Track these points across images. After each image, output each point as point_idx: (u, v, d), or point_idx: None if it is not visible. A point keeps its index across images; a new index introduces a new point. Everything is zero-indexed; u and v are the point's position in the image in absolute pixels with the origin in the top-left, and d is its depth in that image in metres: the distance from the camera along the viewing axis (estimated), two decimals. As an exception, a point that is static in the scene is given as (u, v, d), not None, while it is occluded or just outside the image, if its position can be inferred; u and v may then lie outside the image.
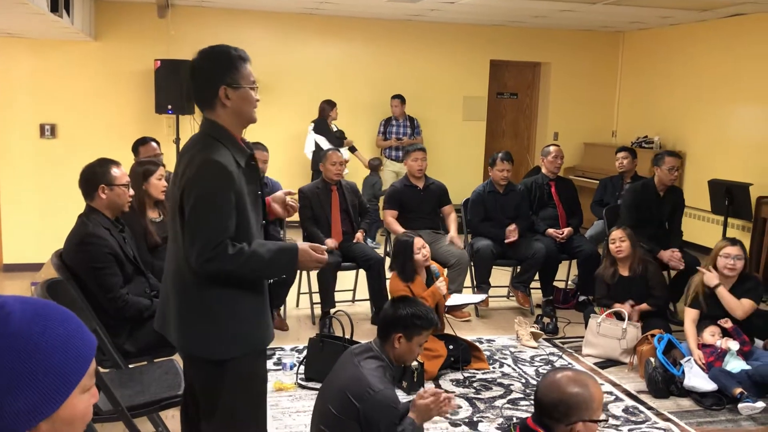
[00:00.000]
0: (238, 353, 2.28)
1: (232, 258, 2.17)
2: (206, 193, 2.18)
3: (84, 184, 3.35)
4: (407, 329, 2.77)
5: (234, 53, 2.28)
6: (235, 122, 2.30)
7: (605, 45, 9.21)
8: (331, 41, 8.32)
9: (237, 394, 2.31)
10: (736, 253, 4.27)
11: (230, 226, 2.20)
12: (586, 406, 2.06)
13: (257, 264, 2.23)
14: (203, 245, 2.16)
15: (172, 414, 3.57)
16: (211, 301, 2.25)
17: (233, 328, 2.27)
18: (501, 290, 6.03)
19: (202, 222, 2.17)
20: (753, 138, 7.07)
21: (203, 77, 2.27)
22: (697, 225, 7.52)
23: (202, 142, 2.27)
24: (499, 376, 4.36)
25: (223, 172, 2.18)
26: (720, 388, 3.97)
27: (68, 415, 1.03)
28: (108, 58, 7.53)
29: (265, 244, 2.28)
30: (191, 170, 2.20)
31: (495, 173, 5.69)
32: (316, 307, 5.25)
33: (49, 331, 1.03)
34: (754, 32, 7.05)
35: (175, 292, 2.30)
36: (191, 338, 2.29)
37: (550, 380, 2.14)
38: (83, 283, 3.22)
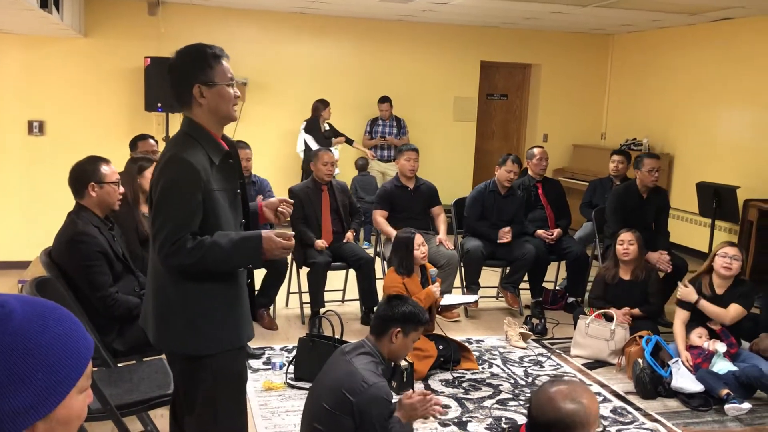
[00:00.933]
0: (213, 350, 2.31)
1: (191, 251, 2.18)
2: (168, 189, 2.21)
3: (74, 182, 3.34)
4: (405, 324, 2.81)
5: (209, 51, 2.29)
6: (212, 120, 2.31)
7: (595, 47, 9.26)
8: (322, 40, 8.31)
9: (215, 389, 2.33)
10: (734, 254, 4.30)
11: (192, 222, 2.21)
12: (582, 423, 2.01)
13: (218, 255, 2.22)
14: (163, 240, 2.19)
15: (161, 413, 3.56)
16: (184, 298, 2.28)
17: (206, 326, 2.29)
18: (490, 291, 6.05)
19: (163, 218, 2.21)
20: (741, 141, 7.13)
21: (178, 76, 2.30)
22: (684, 227, 7.58)
23: (176, 141, 2.31)
24: (489, 376, 4.37)
25: (187, 168, 2.20)
26: (707, 389, 4.00)
27: (65, 415, 1.03)
28: (98, 55, 7.48)
29: (228, 234, 2.27)
30: (159, 167, 2.27)
31: (502, 173, 5.68)
32: (306, 307, 5.25)
33: (48, 330, 1.02)
34: (743, 36, 7.11)
35: (152, 288, 2.35)
36: (166, 334, 2.33)
37: (545, 398, 2.07)
38: (72, 281, 3.20)
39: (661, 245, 5.44)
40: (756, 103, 6.97)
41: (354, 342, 2.89)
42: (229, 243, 2.24)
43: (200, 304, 2.28)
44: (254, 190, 5.37)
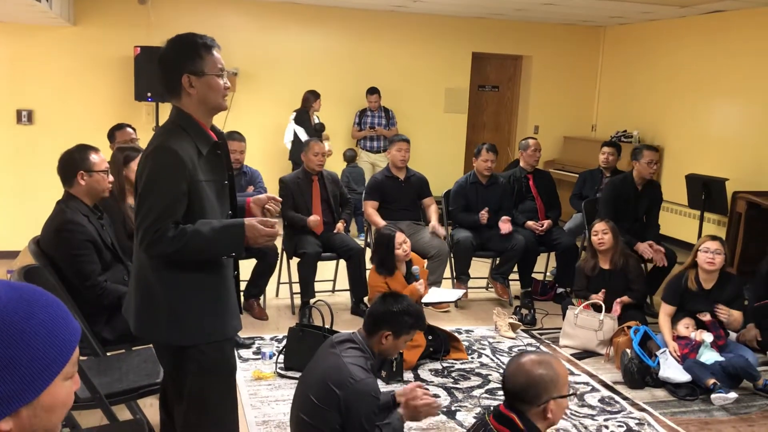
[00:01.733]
0: (196, 341, 2.30)
1: (172, 240, 2.17)
2: (152, 178, 2.21)
3: (63, 171, 3.32)
4: (397, 327, 2.77)
5: (199, 41, 2.28)
6: (201, 110, 2.30)
7: (586, 39, 9.27)
8: (313, 31, 8.28)
9: (202, 380, 2.32)
10: (716, 248, 4.32)
11: (175, 211, 2.20)
12: (554, 384, 2.12)
13: (200, 243, 2.21)
14: (145, 229, 2.19)
15: (150, 402, 3.56)
16: (166, 288, 2.26)
17: (188, 316, 2.28)
18: (480, 282, 6.07)
19: (146, 207, 2.20)
20: (730, 133, 7.17)
21: (167, 65, 2.29)
22: (674, 219, 7.62)
23: (164, 130, 2.31)
24: (478, 366, 4.39)
25: (172, 157, 2.19)
26: (694, 379, 4.04)
27: (49, 401, 1.03)
28: (87, 44, 7.43)
29: (210, 223, 2.25)
30: (144, 156, 2.28)
31: (479, 163, 5.71)
32: (296, 297, 5.25)
33: (34, 317, 1.02)
34: (733, 29, 7.14)
35: (135, 278, 2.35)
36: (147, 324, 2.32)
37: (515, 366, 2.19)
38: (61, 270, 3.19)
39: (651, 237, 5.46)
40: (745, 96, 7.00)
41: (345, 333, 2.87)
42: (211, 231, 2.22)
43: (183, 294, 2.27)
44: (245, 181, 5.37)
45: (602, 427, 3.62)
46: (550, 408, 2.11)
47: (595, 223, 4.96)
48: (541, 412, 2.11)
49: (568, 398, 2.19)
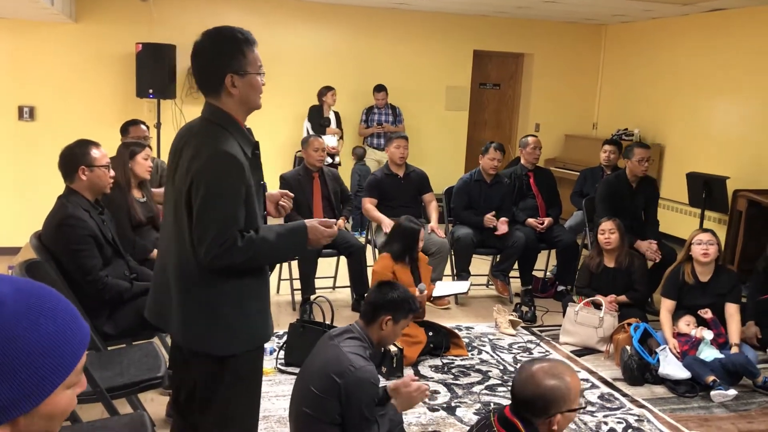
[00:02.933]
0: (241, 349, 2.23)
1: (241, 250, 2.11)
2: (216, 186, 2.09)
3: (64, 166, 3.33)
4: (396, 312, 2.82)
5: (240, 37, 2.17)
6: (241, 110, 2.21)
7: (588, 37, 9.26)
8: (315, 28, 8.28)
9: (235, 388, 2.26)
10: (708, 239, 4.36)
11: (240, 218, 2.12)
12: (564, 398, 2.06)
13: (267, 251, 2.18)
14: (212, 240, 2.08)
15: (151, 397, 3.58)
16: (217, 297, 2.18)
17: (238, 325, 2.21)
18: (481, 279, 6.08)
19: (212, 216, 2.09)
20: (731, 132, 7.16)
21: (209, 63, 2.17)
22: (674, 217, 7.62)
23: (208, 131, 2.17)
24: (478, 362, 4.40)
25: (234, 164, 2.10)
26: (693, 376, 4.05)
27: (49, 410, 1.01)
28: (88, 41, 7.43)
29: (272, 227, 2.22)
30: (200, 162, 2.10)
31: (485, 161, 5.71)
32: (297, 294, 5.26)
33: (40, 328, 0.99)
34: (734, 27, 7.13)
35: (180, 287, 2.20)
36: (195, 334, 2.21)
37: (526, 374, 2.12)
38: (62, 264, 3.20)
39: (650, 235, 5.47)
40: (746, 95, 7.00)
41: (342, 327, 2.90)
42: (277, 237, 2.19)
43: (236, 302, 2.20)
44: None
45: (602, 424, 3.63)
46: (556, 421, 2.06)
47: (602, 222, 4.96)
48: (548, 425, 2.07)
49: (577, 411, 2.13)
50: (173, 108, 7.59)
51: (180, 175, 2.17)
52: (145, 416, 2.53)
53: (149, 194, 4.18)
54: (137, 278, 3.50)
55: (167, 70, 7.22)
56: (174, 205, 2.21)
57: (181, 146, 2.22)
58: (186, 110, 7.63)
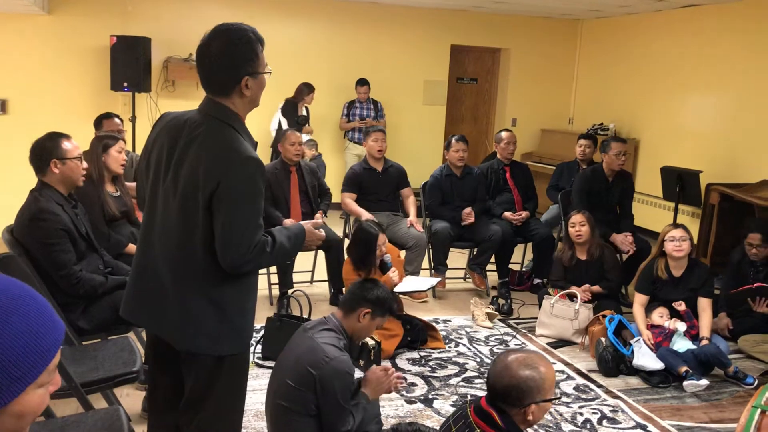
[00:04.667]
0: (242, 348, 2.25)
1: (269, 255, 2.15)
2: (250, 192, 2.09)
3: (35, 159, 3.28)
4: (376, 307, 2.82)
5: (254, 37, 2.12)
6: (246, 109, 2.21)
7: (564, 33, 9.33)
8: (293, 21, 8.25)
9: (229, 386, 2.27)
10: (681, 235, 4.42)
11: (262, 223, 2.16)
12: (538, 388, 2.09)
13: (283, 254, 2.24)
14: (240, 245, 2.08)
15: (126, 392, 3.56)
16: (224, 298, 2.17)
17: (239, 325, 2.22)
18: (458, 272, 6.10)
19: (244, 221, 2.08)
20: (704, 127, 7.27)
21: (224, 65, 2.10)
22: (649, 211, 7.72)
23: (221, 131, 2.12)
24: (455, 355, 4.43)
25: (261, 169, 2.11)
26: (667, 366, 4.10)
27: (19, 410, 0.99)
28: (62, 33, 7.34)
29: (282, 230, 2.26)
30: (229, 166, 2.06)
31: (451, 155, 5.74)
32: (274, 288, 5.24)
33: (10, 327, 0.97)
34: (708, 23, 7.23)
35: (183, 288, 2.16)
36: (196, 336, 2.17)
37: (501, 365, 2.15)
38: (35, 259, 3.16)
39: (625, 227, 5.53)
40: (719, 89, 7.10)
41: (317, 319, 2.90)
42: (287, 240, 2.24)
43: (238, 304, 2.21)
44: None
45: (577, 414, 3.67)
46: (531, 411, 2.08)
47: (572, 215, 5.02)
48: (522, 414, 2.09)
49: (551, 402, 2.15)
50: (148, 101, 7.53)
51: (189, 175, 2.10)
52: (121, 411, 2.51)
53: (123, 188, 4.12)
54: (112, 272, 3.47)
55: (142, 64, 7.15)
56: (180, 206, 2.13)
57: (184, 142, 2.14)
58: (161, 104, 7.56)
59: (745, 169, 6.65)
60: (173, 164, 2.15)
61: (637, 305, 4.54)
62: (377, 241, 4.35)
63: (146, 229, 2.26)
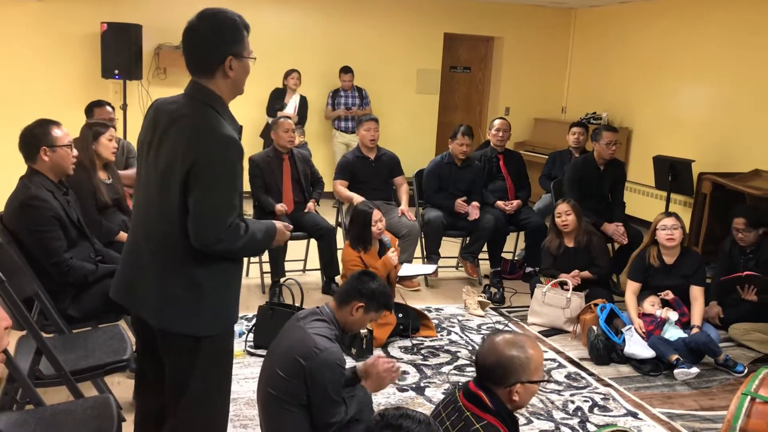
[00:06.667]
0: (220, 329, 2.26)
1: (241, 238, 2.16)
2: (225, 171, 2.11)
3: (25, 147, 3.25)
4: (369, 301, 2.80)
5: (239, 21, 2.19)
6: (230, 93, 2.24)
7: (557, 21, 9.30)
8: (283, 9, 8.19)
9: (209, 369, 2.27)
10: (672, 224, 4.44)
11: (240, 204, 2.18)
12: (524, 368, 2.10)
13: (253, 244, 2.25)
14: (215, 223, 2.10)
15: (117, 380, 3.55)
16: (202, 278, 2.18)
17: (219, 305, 2.23)
18: (450, 261, 6.11)
19: (219, 200, 2.11)
20: (696, 116, 7.27)
21: (208, 43, 2.15)
22: (641, 200, 7.73)
23: (202, 111, 2.15)
24: (447, 343, 4.43)
25: (239, 149, 2.13)
26: (658, 355, 4.12)
27: None
28: (52, 20, 7.27)
29: (255, 223, 2.28)
30: (204, 144, 2.09)
31: (455, 146, 5.72)
32: (267, 277, 5.24)
33: None
34: (701, 12, 7.22)
35: (162, 267, 2.19)
36: (174, 314, 2.19)
37: (489, 344, 2.17)
38: (25, 246, 3.14)
39: (617, 216, 5.54)
40: (712, 79, 7.11)
41: (310, 308, 2.89)
42: (260, 233, 2.27)
43: (219, 283, 2.22)
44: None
45: (568, 402, 3.68)
46: (516, 390, 2.09)
47: (558, 204, 5.02)
48: (508, 394, 2.10)
49: (538, 384, 2.16)
50: (139, 89, 7.48)
51: (169, 154, 2.13)
52: (111, 399, 2.50)
53: (115, 176, 4.10)
54: (103, 260, 3.45)
55: (133, 51, 7.10)
56: (160, 184, 2.16)
57: (166, 123, 2.17)
58: (152, 91, 7.51)
59: (737, 158, 6.66)
60: (155, 145, 2.19)
61: (629, 293, 4.55)
62: (372, 216, 4.46)
63: (134, 210, 2.35)
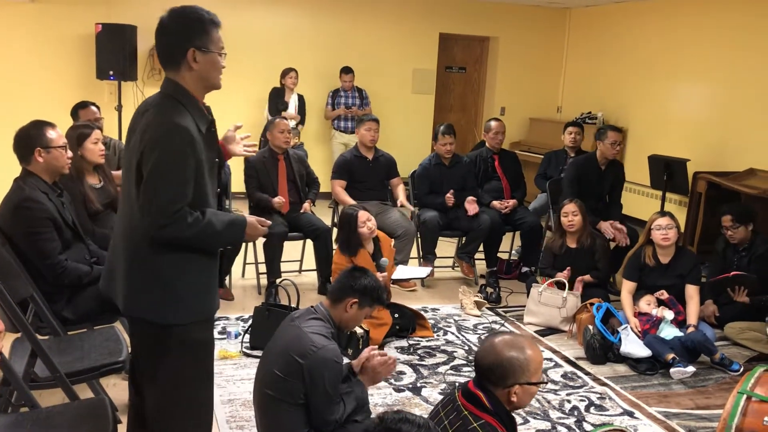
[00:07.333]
0: (185, 320, 2.26)
1: (189, 226, 2.16)
2: (168, 157, 2.13)
3: (19, 148, 3.24)
4: (363, 297, 2.79)
5: (206, 16, 2.23)
6: (199, 86, 2.26)
7: (552, 21, 9.31)
8: (278, 9, 8.19)
9: (183, 360, 2.29)
10: (667, 223, 4.44)
11: (189, 192, 2.17)
12: (522, 369, 2.09)
13: (210, 235, 2.23)
14: (159, 210, 2.12)
15: (113, 382, 3.54)
16: (162, 265, 2.21)
17: (182, 294, 2.25)
18: (446, 261, 6.11)
19: (161, 187, 2.13)
20: (691, 115, 7.29)
21: (172, 36, 2.21)
22: (636, 199, 7.74)
23: (163, 103, 2.22)
24: (443, 343, 4.43)
25: (186, 136, 2.15)
26: (654, 354, 4.13)
27: None
28: (46, 21, 7.25)
29: (218, 214, 2.28)
30: (152, 132, 2.15)
31: (439, 147, 5.74)
32: (263, 278, 5.23)
33: None
34: (695, 12, 7.23)
35: (126, 254, 2.25)
36: (138, 301, 2.25)
37: (488, 344, 2.17)
38: (19, 248, 3.12)
39: (614, 217, 5.54)
40: (707, 78, 7.12)
41: (304, 308, 2.88)
42: (221, 224, 2.26)
43: (180, 272, 2.24)
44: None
45: (565, 402, 3.68)
46: (514, 392, 2.09)
47: (564, 204, 5.00)
48: (506, 395, 2.10)
49: (537, 386, 2.15)
50: (135, 90, 7.47)
51: (133, 147, 2.21)
52: (106, 401, 2.50)
53: (107, 177, 4.05)
54: (98, 262, 3.43)
55: (128, 52, 7.09)
56: (126, 177, 2.25)
57: (136, 119, 2.27)
58: (147, 92, 7.49)
59: (732, 157, 6.68)
60: (128, 141, 2.29)
61: (625, 292, 4.55)
62: (358, 218, 4.42)
63: (119, 206, 2.42)
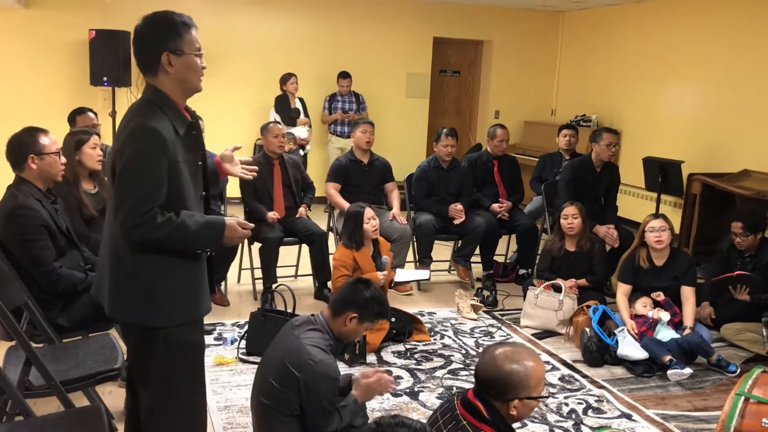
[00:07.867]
0: (169, 322, 2.27)
1: (159, 227, 2.15)
2: (136, 157, 2.15)
3: (12, 155, 3.22)
4: (363, 311, 2.76)
5: (177, 19, 2.25)
6: (178, 90, 2.27)
7: (546, 24, 9.33)
8: (274, 14, 8.19)
9: (171, 362, 2.30)
10: (660, 225, 4.44)
11: (160, 193, 2.17)
12: (523, 384, 2.05)
13: (183, 236, 2.21)
14: (130, 211, 2.13)
15: (109, 389, 3.52)
16: (142, 268, 2.22)
17: (164, 297, 2.25)
18: (442, 264, 6.10)
19: (131, 187, 2.15)
20: (686, 117, 7.31)
21: (145, 42, 2.23)
22: (631, 201, 7.75)
23: (140, 108, 2.24)
24: (440, 347, 4.42)
25: (155, 137, 2.15)
26: (651, 356, 4.12)
27: None
28: (39, 28, 7.24)
29: (194, 215, 2.26)
30: (125, 135, 2.18)
31: (439, 148, 5.73)
32: (258, 283, 5.21)
33: None
34: (688, 13, 7.26)
35: (109, 258, 2.27)
36: (122, 304, 2.27)
37: (488, 357, 2.13)
38: (13, 256, 3.11)
39: (609, 219, 5.54)
40: (701, 80, 7.14)
41: (304, 316, 2.84)
42: (196, 225, 2.23)
43: (159, 275, 2.24)
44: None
45: (562, 405, 3.68)
46: (514, 405, 2.06)
47: (564, 207, 4.99)
48: (506, 408, 2.07)
49: (537, 399, 2.11)
50: (128, 96, 7.44)
51: (111, 151, 2.27)
52: (102, 409, 2.48)
53: (102, 183, 4.03)
54: (92, 269, 3.41)
55: (122, 58, 7.07)
56: (110, 182, 2.26)
57: (120, 126, 2.29)
58: (142, 98, 7.47)
59: (727, 158, 6.69)
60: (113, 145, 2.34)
61: (621, 295, 4.55)
62: (365, 214, 4.49)
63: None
